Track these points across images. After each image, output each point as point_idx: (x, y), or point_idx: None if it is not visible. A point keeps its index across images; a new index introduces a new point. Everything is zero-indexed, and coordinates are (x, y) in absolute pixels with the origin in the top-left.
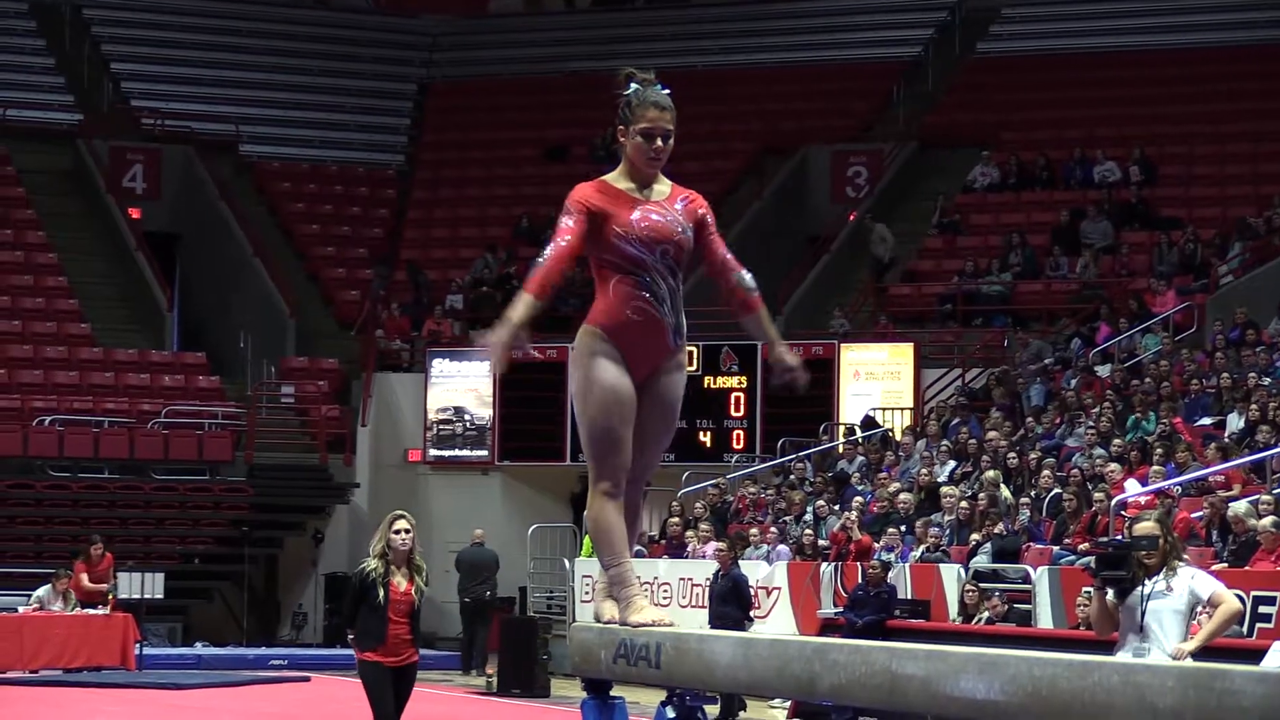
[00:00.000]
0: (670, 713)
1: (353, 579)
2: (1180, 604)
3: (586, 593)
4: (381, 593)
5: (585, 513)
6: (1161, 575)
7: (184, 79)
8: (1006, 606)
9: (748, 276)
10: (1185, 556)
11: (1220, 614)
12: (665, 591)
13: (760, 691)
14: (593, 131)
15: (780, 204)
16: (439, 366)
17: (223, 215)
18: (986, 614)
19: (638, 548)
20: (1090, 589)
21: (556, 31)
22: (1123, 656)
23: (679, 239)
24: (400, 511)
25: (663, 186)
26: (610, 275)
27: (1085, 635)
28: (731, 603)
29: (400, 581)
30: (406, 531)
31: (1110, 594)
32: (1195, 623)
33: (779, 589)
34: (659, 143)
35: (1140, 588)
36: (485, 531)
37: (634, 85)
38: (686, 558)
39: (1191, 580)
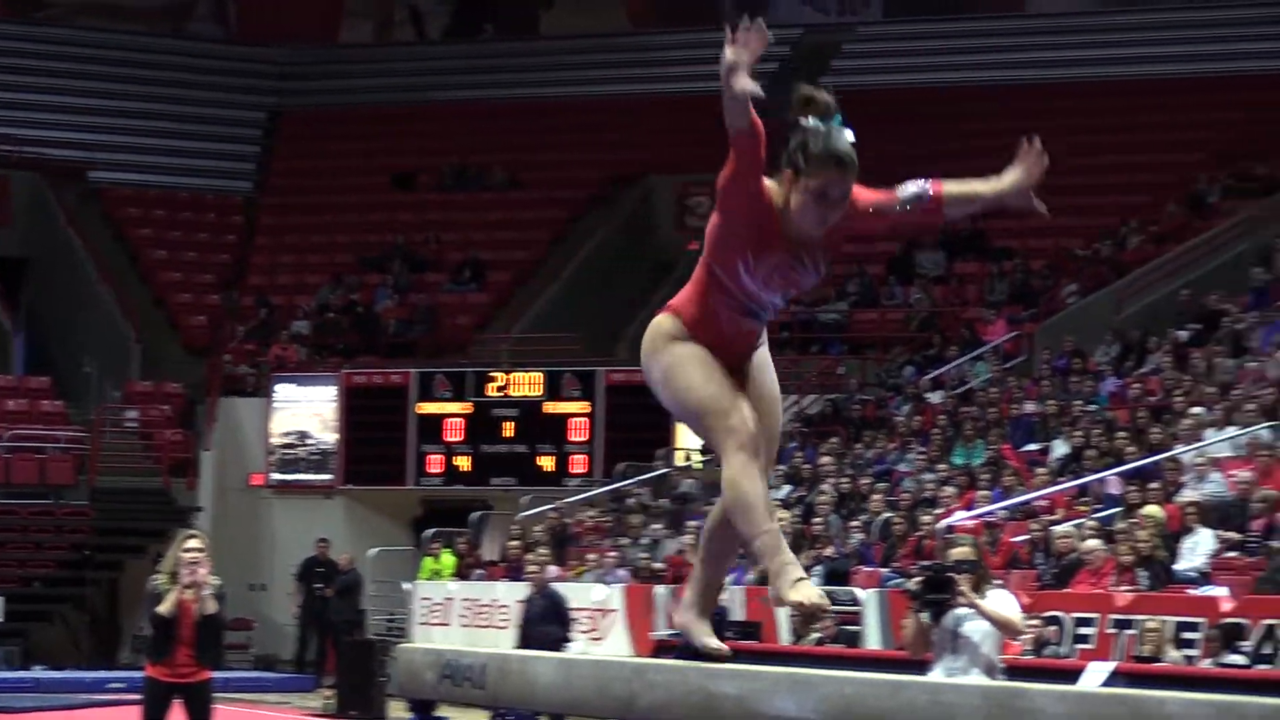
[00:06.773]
0: None
1: (145, 596)
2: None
3: (424, 615)
4: (167, 608)
5: (722, 480)
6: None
7: (34, 105)
8: (836, 628)
9: (904, 190)
10: (994, 579)
11: (1002, 613)
12: (504, 614)
13: (581, 711)
14: (441, 160)
15: (627, 234)
16: (283, 391)
17: (70, 241)
18: (817, 636)
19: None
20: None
21: (406, 61)
22: (936, 676)
23: (804, 284)
24: (193, 530)
25: None
26: (716, 287)
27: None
28: (551, 622)
29: (188, 597)
30: (197, 550)
31: (926, 615)
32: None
33: (615, 611)
34: (832, 210)
35: (954, 609)
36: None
37: (813, 121)
38: (525, 580)
39: (998, 600)
